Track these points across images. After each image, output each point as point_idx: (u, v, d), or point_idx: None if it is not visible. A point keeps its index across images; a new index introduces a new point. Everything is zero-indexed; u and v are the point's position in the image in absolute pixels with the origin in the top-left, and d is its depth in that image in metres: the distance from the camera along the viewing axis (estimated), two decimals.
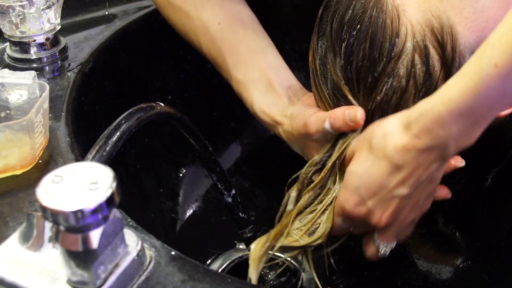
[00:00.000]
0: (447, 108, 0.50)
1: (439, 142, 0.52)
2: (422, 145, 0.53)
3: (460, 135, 0.52)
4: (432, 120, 0.51)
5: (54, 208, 0.38)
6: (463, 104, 0.49)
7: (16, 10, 0.73)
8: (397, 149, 0.54)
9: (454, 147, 0.53)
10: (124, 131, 0.50)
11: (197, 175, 0.93)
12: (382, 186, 0.56)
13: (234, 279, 0.46)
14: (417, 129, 0.53)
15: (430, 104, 0.52)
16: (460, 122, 0.51)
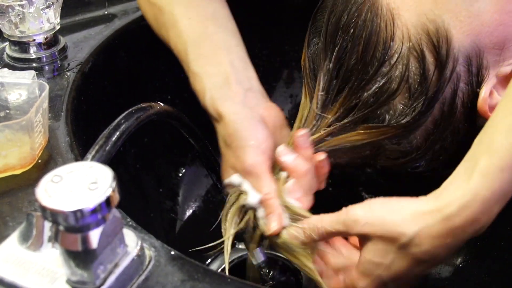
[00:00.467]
0: (491, 191, 0.48)
1: (479, 227, 0.50)
2: (464, 236, 0.50)
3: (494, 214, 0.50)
4: (478, 208, 0.49)
5: (53, 208, 0.38)
6: (505, 181, 0.48)
7: (15, 10, 0.73)
8: (435, 245, 0.51)
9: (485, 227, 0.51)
10: (123, 130, 0.50)
11: (196, 175, 0.93)
12: (408, 275, 0.54)
13: (234, 279, 0.46)
14: (460, 221, 0.49)
15: (472, 191, 0.49)
16: (500, 202, 0.49)
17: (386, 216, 0.53)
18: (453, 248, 0.52)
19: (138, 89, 0.86)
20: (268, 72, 0.99)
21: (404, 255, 0.52)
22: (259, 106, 0.65)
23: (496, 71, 0.57)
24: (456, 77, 0.57)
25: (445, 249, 0.51)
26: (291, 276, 0.79)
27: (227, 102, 0.64)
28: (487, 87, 0.57)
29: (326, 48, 0.60)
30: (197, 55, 0.67)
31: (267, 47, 0.98)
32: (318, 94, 0.61)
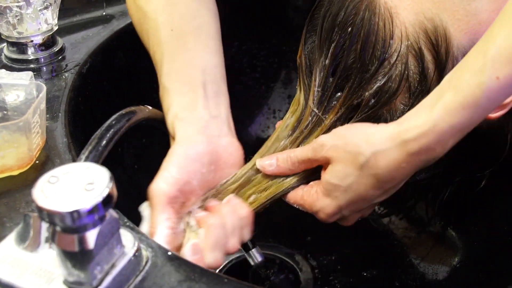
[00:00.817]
0: (449, 125, 0.50)
1: (433, 157, 0.53)
2: (417, 164, 0.53)
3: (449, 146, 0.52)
4: (435, 138, 0.51)
5: (50, 208, 0.38)
6: (465, 119, 0.50)
7: (13, 11, 0.73)
8: (390, 168, 0.54)
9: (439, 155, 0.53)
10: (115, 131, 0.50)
11: None
12: (364, 199, 0.57)
13: (231, 279, 0.46)
14: (416, 148, 0.52)
15: (431, 122, 0.51)
16: (456, 137, 0.51)
17: (348, 138, 0.56)
18: (406, 174, 0.55)
19: (136, 90, 0.86)
20: (267, 73, 0.99)
21: (360, 177, 0.55)
22: (219, 137, 0.62)
23: None
24: None
25: (399, 174, 0.54)
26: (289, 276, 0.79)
27: (186, 125, 0.61)
28: None
29: (321, 44, 0.60)
30: (170, 69, 0.64)
31: (265, 48, 0.98)
32: (314, 90, 0.61)
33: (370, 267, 0.82)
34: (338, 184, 0.57)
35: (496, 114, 0.57)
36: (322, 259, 0.86)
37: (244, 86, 0.99)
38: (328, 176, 0.58)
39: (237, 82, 0.98)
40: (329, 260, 0.86)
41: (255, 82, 0.99)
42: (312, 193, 0.60)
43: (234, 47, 0.96)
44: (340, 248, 0.87)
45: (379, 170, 0.54)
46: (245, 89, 0.99)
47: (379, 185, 0.55)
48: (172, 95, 0.63)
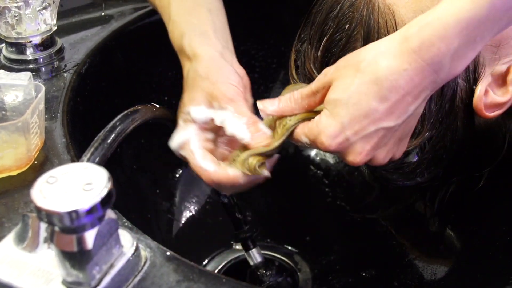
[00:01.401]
0: (455, 19, 0.47)
1: (437, 59, 0.48)
2: (420, 63, 0.48)
3: (458, 54, 0.48)
4: (436, 31, 0.47)
5: (48, 209, 0.38)
6: (473, 13, 0.46)
7: (12, 11, 0.73)
8: (392, 70, 0.49)
9: (447, 70, 0.49)
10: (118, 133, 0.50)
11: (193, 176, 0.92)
12: (368, 115, 0.51)
13: (229, 279, 0.46)
14: (417, 42, 0.48)
15: (436, 14, 0.47)
16: (463, 36, 0.47)
17: (349, 55, 0.52)
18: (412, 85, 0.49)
19: (135, 90, 0.87)
20: (265, 74, 0.99)
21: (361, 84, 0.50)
22: (233, 62, 0.64)
23: (492, 69, 0.58)
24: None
25: (403, 81, 0.49)
26: (288, 277, 0.79)
27: (205, 46, 0.63)
28: (482, 85, 0.57)
29: (313, 37, 0.60)
30: (178, 8, 0.67)
31: (263, 48, 0.98)
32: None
33: (369, 267, 0.82)
34: (338, 98, 0.51)
35: (494, 114, 0.58)
36: (321, 259, 0.86)
37: None
38: (329, 95, 0.52)
39: None
40: (328, 261, 0.86)
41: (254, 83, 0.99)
42: (314, 120, 0.54)
43: None
44: (338, 248, 0.87)
45: (379, 73, 0.49)
46: None
47: (382, 94, 0.49)
48: (184, 26, 0.66)
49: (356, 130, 0.51)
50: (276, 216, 0.94)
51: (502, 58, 0.57)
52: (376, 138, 0.52)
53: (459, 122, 0.60)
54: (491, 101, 0.57)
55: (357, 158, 0.53)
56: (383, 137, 0.52)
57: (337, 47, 0.59)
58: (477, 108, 0.58)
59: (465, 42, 0.47)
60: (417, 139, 0.59)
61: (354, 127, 0.51)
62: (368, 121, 0.51)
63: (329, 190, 0.92)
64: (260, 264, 0.77)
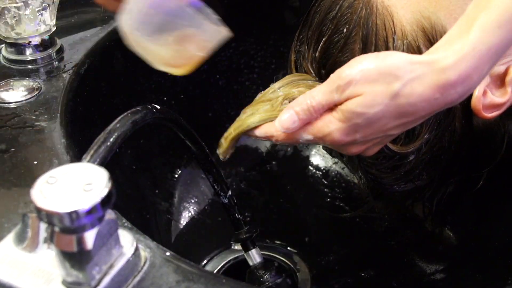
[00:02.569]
0: (487, 47, 0.46)
1: (469, 88, 0.48)
2: (450, 98, 0.48)
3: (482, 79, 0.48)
4: (474, 63, 0.47)
5: (48, 209, 0.38)
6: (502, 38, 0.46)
7: (11, 12, 0.73)
8: (423, 97, 0.48)
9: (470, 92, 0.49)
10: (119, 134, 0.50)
11: (192, 176, 0.93)
12: (382, 130, 0.52)
13: (228, 280, 0.46)
14: (455, 76, 0.47)
15: (470, 45, 0.47)
16: (492, 61, 0.47)
17: (381, 64, 0.49)
18: (436, 107, 0.49)
19: (134, 90, 0.87)
20: (264, 74, 0.99)
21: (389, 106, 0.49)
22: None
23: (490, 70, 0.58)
24: None
25: (429, 106, 0.49)
26: (287, 278, 0.79)
27: None
28: (480, 86, 0.57)
29: (311, 38, 0.60)
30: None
31: (262, 48, 0.98)
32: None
33: (368, 267, 0.83)
34: (363, 112, 0.50)
35: (492, 114, 0.58)
36: (320, 259, 0.87)
37: (242, 87, 0.99)
38: (352, 105, 0.51)
39: (234, 83, 0.98)
40: (327, 261, 0.86)
41: (253, 83, 1.00)
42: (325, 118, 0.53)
43: (231, 48, 0.96)
44: (337, 248, 0.87)
45: (411, 100, 0.48)
46: (243, 90, 0.99)
47: (403, 114, 0.50)
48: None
49: (364, 136, 0.52)
50: (275, 216, 0.94)
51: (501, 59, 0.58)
52: (377, 140, 0.54)
53: (457, 123, 0.60)
54: (489, 102, 0.58)
55: (353, 152, 0.55)
56: (383, 139, 0.54)
57: (335, 49, 0.59)
58: (476, 109, 0.58)
59: (494, 62, 0.48)
60: (417, 141, 0.59)
61: (365, 135, 0.52)
62: (379, 132, 0.52)
63: (328, 190, 0.92)
64: (259, 265, 0.77)
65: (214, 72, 0.96)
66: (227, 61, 0.97)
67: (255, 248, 0.77)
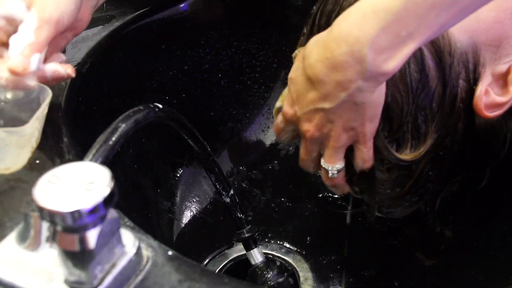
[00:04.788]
0: (372, 9, 0.48)
1: (353, 49, 0.49)
2: (338, 52, 0.50)
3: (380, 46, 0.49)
4: (356, 20, 0.49)
5: (51, 208, 0.38)
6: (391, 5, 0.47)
7: None
8: (317, 57, 0.53)
9: (374, 62, 0.49)
10: (121, 134, 0.50)
11: (194, 175, 0.93)
12: (306, 96, 0.56)
13: (231, 279, 0.46)
14: (337, 31, 0.50)
15: (357, 5, 0.50)
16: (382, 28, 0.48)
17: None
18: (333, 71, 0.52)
19: (136, 89, 0.87)
20: (266, 74, 0.99)
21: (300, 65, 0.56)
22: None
23: (492, 69, 0.58)
24: (454, 73, 0.57)
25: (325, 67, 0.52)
26: (289, 277, 0.79)
27: None
28: (482, 85, 0.57)
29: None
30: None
31: (264, 48, 0.98)
32: None
33: (369, 267, 0.83)
34: (290, 77, 0.58)
35: (494, 113, 0.57)
36: (322, 259, 0.87)
37: (244, 86, 0.99)
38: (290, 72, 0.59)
39: (236, 82, 0.98)
40: (329, 260, 0.86)
41: (255, 82, 1.00)
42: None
43: (233, 47, 0.96)
44: (339, 248, 0.87)
45: (310, 60, 0.54)
46: (245, 89, 0.99)
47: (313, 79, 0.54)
48: None
49: (300, 106, 0.58)
50: (277, 215, 0.94)
51: (503, 57, 0.57)
52: (318, 118, 0.57)
53: (460, 123, 0.60)
54: (491, 101, 0.57)
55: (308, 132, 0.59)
56: (323, 117, 0.56)
57: None
58: (478, 108, 0.58)
59: (386, 34, 0.48)
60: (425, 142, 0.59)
61: (299, 104, 0.58)
62: (307, 101, 0.56)
63: None
64: (261, 264, 0.77)
65: (216, 71, 0.96)
66: (229, 61, 0.97)
67: (257, 247, 0.77)
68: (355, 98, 0.53)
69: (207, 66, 0.82)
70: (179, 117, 0.63)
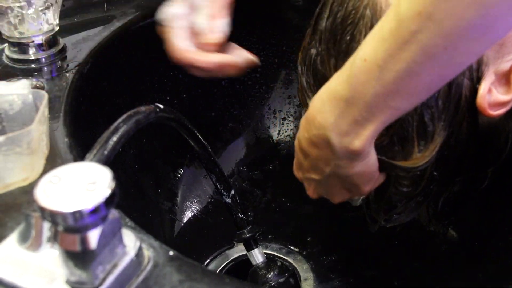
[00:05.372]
0: (328, 95, 0.53)
1: (320, 132, 0.54)
2: (310, 133, 0.56)
3: (340, 129, 0.52)
4: (315, 107, 0.54)
5: (52, 208, 0.38)
6: (341, 93, 0.51)
7: (14, 11, 0.73)
8: (302, 134, 0.58)
9: (340, 144, 0.53)
10: (122, 134, 0.50)
11: (195, 176, 0.93)
12: (301, 165, 0.62)
13: (232, 279, 0.46)
14: (307, 115, 0.56)
15: (321, 89, 0.54)
16: (338, 113, 0.52)
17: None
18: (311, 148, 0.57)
19: (137, 90, 0.87)
20: (267, 73, 0.99)
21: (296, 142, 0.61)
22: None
23: (495, 67, 0.58)
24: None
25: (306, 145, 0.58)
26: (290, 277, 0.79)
27: None
28: (485, 84, 0.57)
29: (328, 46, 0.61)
30: None
31: (265, 48, 0.98)
32: None
33: (370, 267, 0.83)
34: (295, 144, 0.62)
35: (497, 112, 0.57)
36: (322, 259, 0.87)
37: (244, 86, 0.99)
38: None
39: (237, 82, 0.99)
40: (329, 260, 0.86)
41: (255, 82, 1.00)
42: None
43: None
44: (340, 248, 0.87)
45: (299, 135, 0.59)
46: (245, 89, 0.99)
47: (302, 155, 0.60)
48: None
49: (301, 172, 0.63)
50: (278, 216, 0.94)
51: (505, 56, 0.57)
52: (312, 185, 0.63)
53: (465, 122, 0.60)
54: (494, 99, 0.57)
55: (311, 195, 0.65)
56: (317, 185, 0.62)
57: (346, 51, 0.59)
58: (481, 106, 0.57)
59: (343, 119, 0.52)
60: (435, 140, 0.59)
61: (299, 169, 0.63)
62: (303, 169, 0.62)
63: None
64: (262, 264, 0.77)
65: None
66: None
67: (257, 247, 0.77)
68: (339, 173, 0.58)
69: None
70: (180, 118, 0.63)
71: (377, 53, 0.47)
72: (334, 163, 0.56)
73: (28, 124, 0.57)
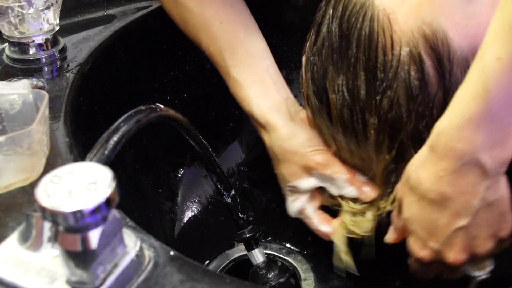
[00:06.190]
0: (459, 120, 0.49)
1: (468, 158, 0.50)
2: (451, 167, 0.51)
3: (489, 145, 0.49)
4: (452, 135, 0.50)
5: (53, 208, 0.38)
6: (480, 109, 0.47)
7: (15, 11, 0.73)
8: (431, 181, 0.53)
9: (491, 160, 0.50)
10: (123, 134, 0.50)
11: (195, 176, 0.93)
12: (436, 225, 0.55)
13: (233, 279, 0.46)
14: (440, 150, 0.51)
15: (447, 120, 0.50)
16: (483, 130, 0.48)
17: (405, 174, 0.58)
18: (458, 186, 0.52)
19: (137, 90, 0.87)
20: None
21: (415, 202, 0.55)
22: (296, 113, 0.72)
23: None
24: (455, 79, 0.57)
25: (445, 186, 0.52)
26: (290, 277, 0.79)
27: (274, 113, 0.71)
28: None
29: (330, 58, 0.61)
30: (235, 62, 0.72)
31: None
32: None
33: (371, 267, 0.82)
34: (407, 217, 0.58)
35: None
36: (323, 259, 0.86)
37: None
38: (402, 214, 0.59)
39: None
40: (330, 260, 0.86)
41: None
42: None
43: None
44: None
45: (422, 187, 0.54)
46: None
47: (438, 205, 0.54)
48: (245, 87, 0.72)
49: (436, 239, 0.56)
50: (278, 216, 0.94)
51: None
52: (459, 238, 0.55)
53: None
54: None
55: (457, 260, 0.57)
56: (465, 234, 0.55)
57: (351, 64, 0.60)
58: None
59: (491, 133, 0.48)
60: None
61: (432, 238, 0.56)
62: (441, 228, 0.55)
63: None
64: (262, 264, 0.77)
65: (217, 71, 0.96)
66: None
67: (258, 247, 0.77)
68: (488, 198, 0.53)
69: (208, 66, 0.82)
70: (180, 117, 0.63)
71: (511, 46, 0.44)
72: (484, 186, 0.51)
73: (28, 124, 0.57)
